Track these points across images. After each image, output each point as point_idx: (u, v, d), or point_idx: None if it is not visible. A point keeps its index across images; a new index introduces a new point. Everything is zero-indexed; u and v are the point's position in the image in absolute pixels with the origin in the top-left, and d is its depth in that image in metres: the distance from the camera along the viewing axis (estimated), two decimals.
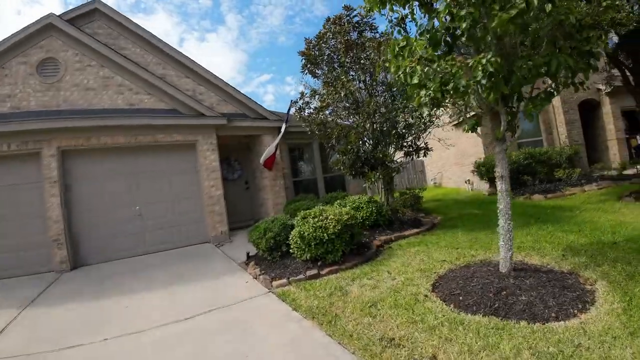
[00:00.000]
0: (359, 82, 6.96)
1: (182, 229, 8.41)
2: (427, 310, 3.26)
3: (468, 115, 4.68)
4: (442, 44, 3.01)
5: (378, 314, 3.33)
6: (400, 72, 3.28)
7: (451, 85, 3.03)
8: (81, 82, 7.61)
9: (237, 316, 3.80)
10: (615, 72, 8.61)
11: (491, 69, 2.75)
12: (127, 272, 6.39)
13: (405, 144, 7.06)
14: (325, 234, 5.06)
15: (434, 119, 6.55)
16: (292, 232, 5.57)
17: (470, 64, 2.88)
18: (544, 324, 2.83)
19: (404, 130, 6.83)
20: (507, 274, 3.60)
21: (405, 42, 3.31)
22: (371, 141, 7.06)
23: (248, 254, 6.54)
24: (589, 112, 12.31)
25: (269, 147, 9.58)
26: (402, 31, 3.83)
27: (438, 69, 3.02)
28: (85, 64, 7.69)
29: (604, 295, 3.17)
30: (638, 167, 10.07)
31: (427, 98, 3.38)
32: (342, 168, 7.44)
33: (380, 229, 7.05)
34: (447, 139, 14.62)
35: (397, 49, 3.34)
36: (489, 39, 2.98)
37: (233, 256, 6.84)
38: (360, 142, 7.21)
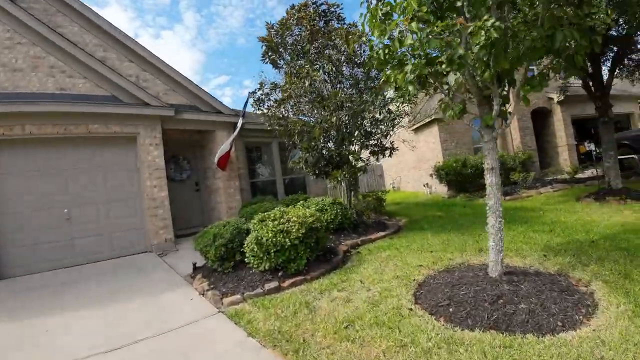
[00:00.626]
0: (325, 73, 6.36)
1: (119, 236, 7.12)
2: (416, 328, 2.65)
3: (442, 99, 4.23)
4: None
5: (357, 336, 2.65)
6: (386, 37, 2.69)
7: (445, 56, 2.50)
8: (9, 62, 6.18)
9: (176, 345, 2.90)
10: (570, 81, 8.98)
11: (495, 35, 2.25)
12: (52, 286, 5.11)
13: (371, 142, 6.56)
14: (287, 239, 4.31)
15: (402, 114, 6.11)
16: (247, 238, 4.74)
17: (470, 29, 2.37)
18: (554, 335, 2.39)
19: (371, 128, 6.33)
20: (499, 278, 3.14)
21: (389, 7, 2.74)
22: (337, 138, 6.47)
23: (195, 264, 5.56)
24: (541, 119, 12.96)
25: (224, 144, 8.62)
26: None
27: (431, 34, 2.46)
28: (16, 41, 6.26)
29: (606, 298, 2.82)
30: (590, 171, 10.65)
31: (412, 75, 2.84)
32: (304, 167, 6.75)
33: (346, 233, 6.45)
34: (411, 141, 14.63)
35: (380, 13, 2.76)
36: (490, 3, 2.50)
37: (178, 268, 5.81)
38: (325, 139, 6.58)
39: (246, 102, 8.04)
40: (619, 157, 10.70)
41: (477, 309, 2.79)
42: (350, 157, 6.08)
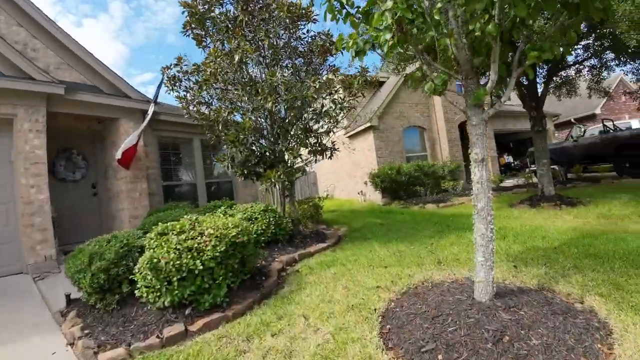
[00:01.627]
0: (261, 50, 5.17)
1: None
2: None
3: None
4: None
5: None
6: None
7: None
8: None
9: None
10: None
11: None
12: None
13: (311, 140, 5.56)
14: (198, 261, 3.01)
15: (349, 106, 5.21)
16: (140, 260, 3.27)
17: None
18: None
19: (314, 121, 5.31)
20: (492, 304, 2.33)
21: None
22: (272, 131, 5.31)
23: (68, 296, 3.85)
24: (467, 132, 13.56)
25: (129, 136, 6.80)
26: None
27: None
28: None
29: (613, 316, 2.24)
30: (512, 180, 11.25)
31: (390, 19, 1.90)
32: (229, 166, 5.43)
33: (280, 246, 5.29)
34: (349, 144, 14.16)
35: None
36: None
37: (55, 297, 4.05)
38: (257, 134, 5.37)
39: (160, 84, 6.39)
40: (534, 168, 11.65)
41: (478, 354, 1.90)
42: (286, 155, 4.96)
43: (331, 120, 5.36)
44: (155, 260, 3.11)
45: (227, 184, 9.82)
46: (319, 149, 5.86)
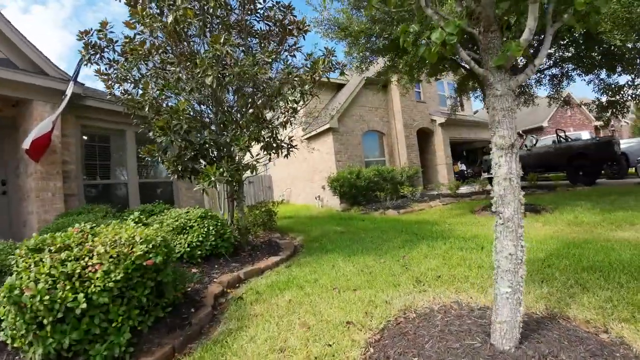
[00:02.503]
0: (208, 23, 4.11)
1: None
2: None
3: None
4: None
5: None
6: None
7: None
8: None
9: None
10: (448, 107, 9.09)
11: None
12: None
13: (265, 132, 4.60)
14: (81, 295, 1.94)
15: (307, 89, 4.28)
16: (2, 288, 2.10)
17: None
18: None
19: (266, 109, 4.35)
20: (519, 354, 1.58)
21: None
22: (217, 118, 4.27)
23: None
24: (424, 139, 13.43)
25: (42, 122, 5.35)
26: None
27: None
28: None
29: None
30: (466, 187, 11.17)
31: None
32: (160, 158, 4.28)
33: (222, 261, 4.24)
34: (309, 145, 13.29)
35: None
36: None
37: None
38: (198, 122, 4.28)
39: (81, 59, 5.04)
40: (489, 175, 11.78)
41: None
42: (233, 149, 3.95)
43: (288, 108, 4.46)
44: (16, 292, 1.98)
45: (167, 185, 8.44)
46: (274, 144, 4.93)
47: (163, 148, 4.44)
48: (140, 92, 4.16)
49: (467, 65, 7.71)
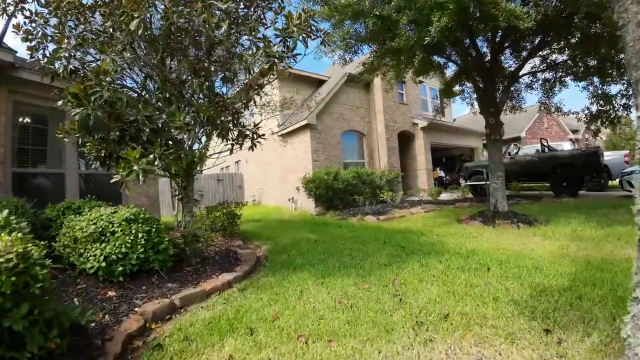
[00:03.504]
0: None
1: None
2: None
3: None
4: None
5: None
6: None
7: None
8: None
9: None
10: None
11: None
12: None
13: (225, 115, 3.55)
14: None
15: (276, 52, 3.22)
16: None
17: None
18: None
19: (227, 78, 3.30)
20: None
21: None
22: (156, 91, 3.19)
23: None
24: (405, 142, 12.75)
25: None
26: None
27: None
28: None
29: None
30: (445, 194, 10.55)
31: None
32: (81, 140, 3.16)
33: (157, 279, 3.16)
34: (283, 142, 12.23)
35: None
36: None
37: None
38: (133, 99, 3.19)
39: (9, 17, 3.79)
40: (474, 183, 11.27)
41: None
42: (174, 129, 2.87)
43: (252, 84, 3.44)
44: None
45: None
46: (234, 131, 3.90)
47: (86, 126, 3.29)
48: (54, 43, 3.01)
49: (457, 60, 7.06)
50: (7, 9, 3.69)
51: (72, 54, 3.04)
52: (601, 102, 6.93)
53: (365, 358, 1.81)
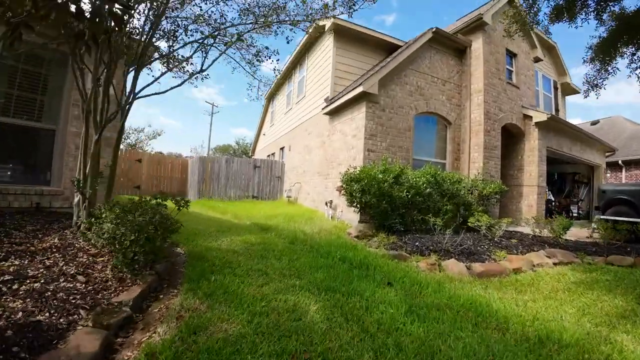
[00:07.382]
0: None
1: None
2: None
3: None
4: None
5: None
6: None
7: None
8: None
9: None
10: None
11: None
12: None
13: None
14: None
15: None
16: None
17: None
18: None
19: None
20: None
21: None
22: None
23: None
24: (509, 143, 8.33)
25: None
26: None
27: None
28: None
29: None
30: (582, 229, 5.99)
31: None
32: None
33: None
34: (331, 131, 8.73)
35: None
36: None
37: None
38: None
39: None
40: (616, 218, 6.46)
41: None
42: None
43: None
44: None
45: (45, 134, 4.50)
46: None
47: None
48: None
49: None
50: None
51: None
52: None
53: None
